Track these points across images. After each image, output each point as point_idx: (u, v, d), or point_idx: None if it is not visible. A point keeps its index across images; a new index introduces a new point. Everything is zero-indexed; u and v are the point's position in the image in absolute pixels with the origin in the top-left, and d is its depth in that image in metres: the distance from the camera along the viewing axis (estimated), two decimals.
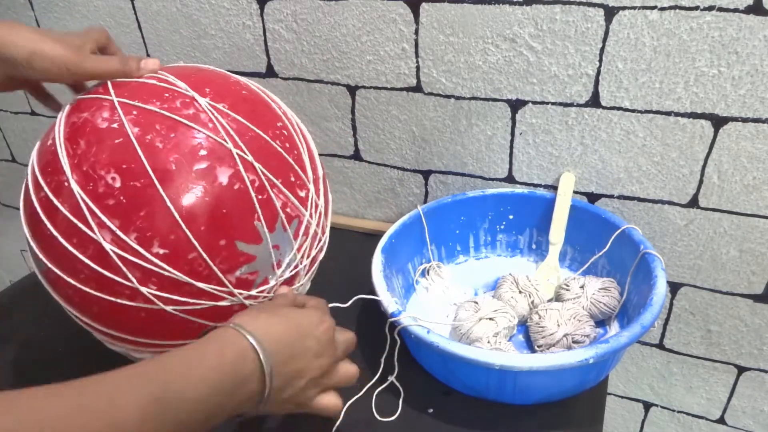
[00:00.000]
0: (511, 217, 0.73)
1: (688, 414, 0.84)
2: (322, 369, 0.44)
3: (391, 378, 0.57)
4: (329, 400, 0.46)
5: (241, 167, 0.48)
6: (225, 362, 0.37)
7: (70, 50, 0.48)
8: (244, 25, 0.76)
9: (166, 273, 0.46)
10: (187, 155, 0.47)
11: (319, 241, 0.56)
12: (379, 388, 0.57)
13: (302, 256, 0.54)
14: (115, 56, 0.52)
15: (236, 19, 0.76)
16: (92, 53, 0.51)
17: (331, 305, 0.50)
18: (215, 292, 0.48)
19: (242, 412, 0.40)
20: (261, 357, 0.39)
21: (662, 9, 0.57)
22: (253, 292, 0.50)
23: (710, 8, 0.56)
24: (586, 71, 0.63)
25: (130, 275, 0.46)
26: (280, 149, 0.52)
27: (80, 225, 0.45)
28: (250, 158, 0.49)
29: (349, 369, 0.48)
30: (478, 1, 0.64)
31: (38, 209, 0.47)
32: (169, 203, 0.45)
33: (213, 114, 0.49)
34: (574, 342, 0.57)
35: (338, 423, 0.53)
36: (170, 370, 0.35)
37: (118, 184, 0.45)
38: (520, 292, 0.64)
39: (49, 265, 0.48)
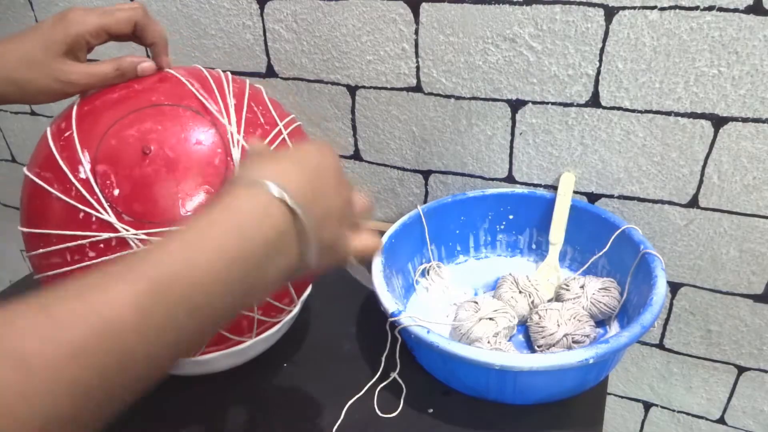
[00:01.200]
0: (511, 217, 0.73)
1: (688, 414, 0.84)
2: (345, 200, 0.37)
3: (394, 374, 0.57)
4: (366, 238, 0.40)
5: None
6: (245, 222, 0.30)
7: (60, 65, 0.48)
8: (244, 25, 0.76)
9: None
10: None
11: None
12: (381, 385, 0.57)
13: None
14: (107, 61, 0.51)
15: (236, 19, 0.76)
16: (71, 53, 0.49)
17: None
18: None
19: (289, 276, 0.33)
20: (289, 203, 0.31)
21: (662, 9, 0.57)
22: None
23: (710, 8, 0.56)
24: (586, 71, 0.63)
25: None
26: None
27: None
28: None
29: (362, 199, 0.41)
30: (478, 1, 0.64)
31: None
32: None
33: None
34: (574, 342, 0.57)
35: (339, 422, 0.53)
36: (172, 248, 0.28)
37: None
38: (520, 292, 0.64)
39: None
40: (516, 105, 0.69)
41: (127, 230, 0.44)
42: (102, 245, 0.45)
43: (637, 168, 0.67)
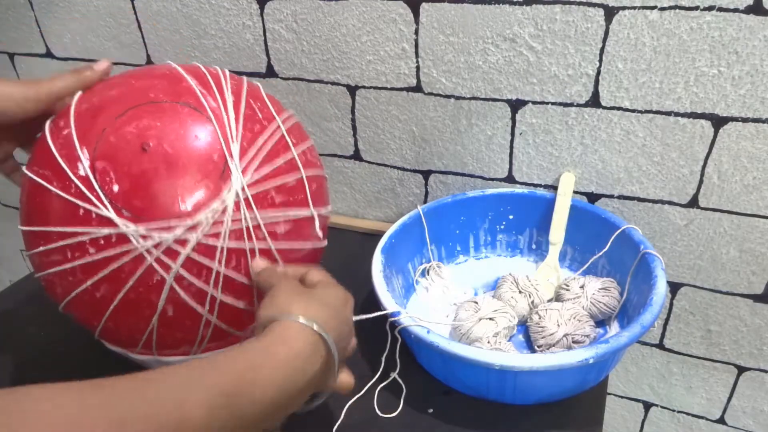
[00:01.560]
0: (511, 217, 0.73)
1: (688, 414, 0.84)
2: (350, 343, 0.45)
3: (394, 374, 0.57)
4: (347, 376, 0.46)
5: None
6: (295, 356, 0.37)
7: (22, 84, 0.49)
8: (244, 25, 0.76)
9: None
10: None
11: None
12: (381, 385, 0.57)
13: None
14: (66, 72, 0.52)
15: (236, 19, 0.76)
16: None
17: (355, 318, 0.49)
18: None
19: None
20: (329, 345, 0.39)
21: (662, 9, 0.57)
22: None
23: (710, 8, 0.56)
24: (586, 71, 0.63)
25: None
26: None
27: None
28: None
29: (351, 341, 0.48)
30: (478, 1, 0.64)
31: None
32: None
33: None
34: (574, 342, 0.57)
35: (339, 421, 0.53)
36: (238, 367, 0.35)
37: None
38: (520, 292, 0.64)
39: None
40: (516, 105, 0.69)
41: (127, 226, 0.44)
42: (102, 241, 0.45)
43: (637, 168, 0.67)
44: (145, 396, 0.30)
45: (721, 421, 0.82)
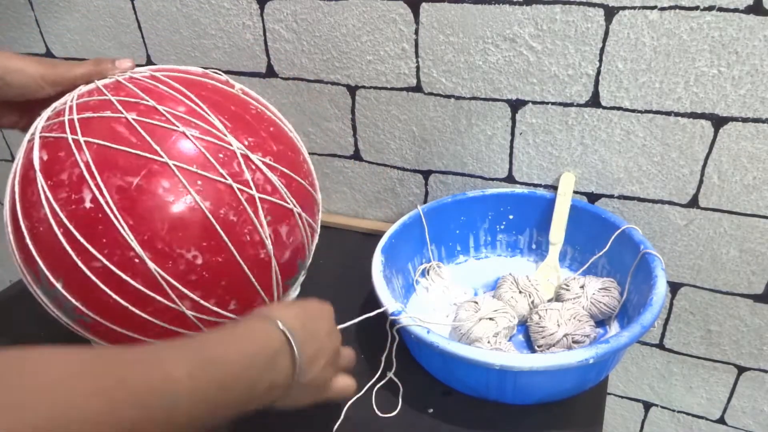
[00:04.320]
0: (511, 217, 0.73)
1: (688, 414, 0.84)
2: (334, 349, 0.46)
3: (390, 374, 0.57)
4: (344, 381, 0.48)
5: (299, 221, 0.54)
6: (257, 339, 0.39)
7: (43, 63, 0.49)
8: (244, 25, 0.76)
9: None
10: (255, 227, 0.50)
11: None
12: (378, 385, 0.57)
13: None
14: (87, 60, 0.53)
15: (236, 19, 0.76)
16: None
17: (340, 327, 0.50)
18: None
19: (273, 399, 0.41)
20: (287, 335, 0.40)
21: (662, 9, 0.57)
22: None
23: (710, 8, 0.56)
24: (586, 71, 0.63)
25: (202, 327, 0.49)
26: (308, 187, 0.56)
27: (158, 297, 0.46)
28: (299, 210, 0.54)
29: (349, 352, 0.50)
30: (478, 1, 0.64)
31: (92, 277, 0.46)
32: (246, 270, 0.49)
33: (264, 173, 0.51)
34: (574, 342, 0.57)
35: (339, 421, 0.53)
36: (210, 341, 0.37)
37: (199, 261, 0.47)
38: (520, 292, 0.64)
39: (103, 321, 0.48)
40: (516, 105, 0.69)
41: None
42: None
43: (637, 168, 0.67)
44: (129, 358, 0.32)
45: (721, 421, 0.82)
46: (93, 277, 0.46)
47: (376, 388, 0.57)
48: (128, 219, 0.45)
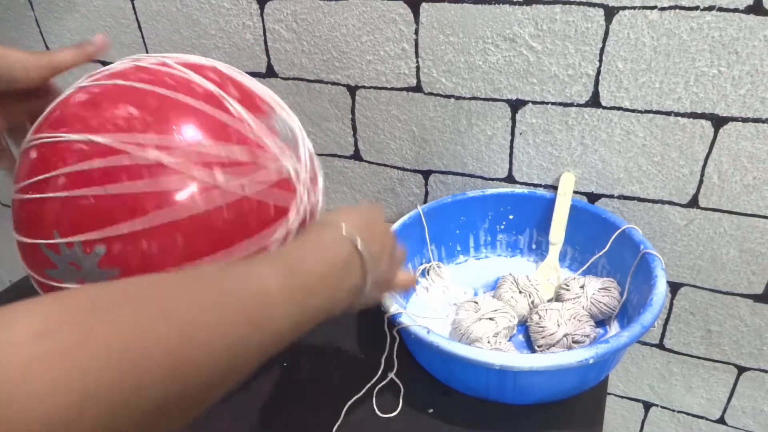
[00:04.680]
0: (511, 217, 0.73)
1: (688, 414, 0.84)
2: (393, 245, 0.48)
3: (391, 375, 0.57)
4: (405, 275, 0.50)
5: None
6: (329, 247, 0.41)
7: (29, 53, 0.50)
8: (244, 25, 0.76)
9: None
10: None
11: None
12: (379, 386, 0.57)
13: None
14: (67, 46, 0.54)
15: (236, 19, 0.76)
16: None
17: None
18: None
19: (352, 300, 0.42)
20: (354, 238, 0.42)
21: (662, 9, 0.57)
22: None
23: (710, 8, 0.56)
24: (586, 71, 0.63)
25: None
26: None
27: None
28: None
29: (402, 248, 0.51)
30: (478, 1, 0.64)
31: None
32: None
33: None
34: (574, 342, 0.57)
35: (339, 422, 0.53)
36: (288, 254, 0.39)
37: None
38: (520, 292, 0.64)
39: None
40: (516, 105, 0.69)
41: None
42: None
43: (637, 168, 0.67)
44: (228, 275, 0.33)
45: (721, 421, 0.82)
46: None
47: (376, 389, 0.57)
48: None
